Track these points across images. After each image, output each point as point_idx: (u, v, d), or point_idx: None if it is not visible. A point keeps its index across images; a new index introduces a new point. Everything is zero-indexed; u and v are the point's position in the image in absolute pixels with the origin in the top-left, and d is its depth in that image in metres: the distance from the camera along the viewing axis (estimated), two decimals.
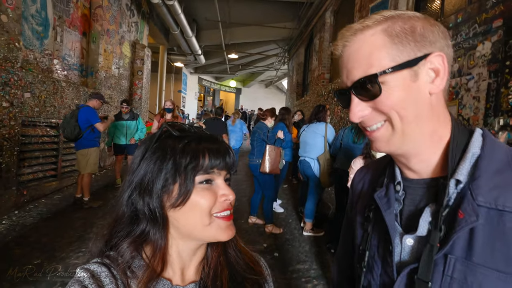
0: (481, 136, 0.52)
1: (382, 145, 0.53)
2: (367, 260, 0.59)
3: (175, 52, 12.90)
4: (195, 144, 0.56)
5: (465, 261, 0.45)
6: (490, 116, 2.56)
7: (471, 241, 0.45)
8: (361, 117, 0.52)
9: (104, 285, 0.49)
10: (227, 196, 0.56)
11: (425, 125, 0.51)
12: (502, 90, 2.44)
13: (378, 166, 0.68)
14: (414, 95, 0.49)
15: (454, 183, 0.49)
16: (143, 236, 0.55)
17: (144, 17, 8.90)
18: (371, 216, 0.60)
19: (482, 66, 2.66)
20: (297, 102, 10.57)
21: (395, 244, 0.53)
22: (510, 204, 0.44)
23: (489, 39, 2.59)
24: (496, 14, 2.54)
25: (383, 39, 0.49)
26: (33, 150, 4.33)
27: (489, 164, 0.48)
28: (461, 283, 0.45)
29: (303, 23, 9.06)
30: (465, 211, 0.46)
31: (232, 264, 0.62)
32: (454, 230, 0.46)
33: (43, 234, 3.26)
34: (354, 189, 0.72)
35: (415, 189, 0.55)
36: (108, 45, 6.58)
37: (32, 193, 4.27)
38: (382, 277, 0.56)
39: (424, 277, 0.47)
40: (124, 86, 7.67)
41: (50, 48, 4.86)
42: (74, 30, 5.58)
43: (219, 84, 21.80)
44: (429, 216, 0.50)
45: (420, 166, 0.54)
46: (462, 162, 0.50)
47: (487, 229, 0.45)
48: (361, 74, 0.50)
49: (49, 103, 4.64)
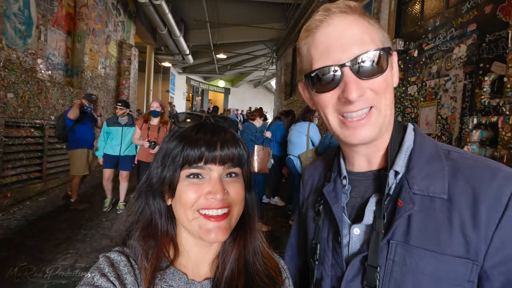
0: (413, 131, 0.57)
1: (370, 131, 0.51)
2: (318, 253, 0.61)
3: (163, 52, 12.77)
4: (188, 134, 0.53)
5: (404, 244, 0.49)
6: (466, 115, 2.70)
7: (409, 226, 0.50)
8: (359, 96, 0.49)
9: (123, 274, 0.50)
10: (213, 194, 0.50)
11: (392, 113, 0.55)
12: (477, 91, 2.59)
13: (325, 162, 0.70)
14: (391, 81, 0.53)
15: (393, 174, 0.53)
16: (153, 225, 0.56)
17: (131, 17, 8.79)
18: (321, 210, 0.63)
19: (459, 68, 2.80)
20: (285, 102, 10.67)
21: (344, 235, 0.57)
22: (438, 190, 0.49)
23: (465, 42, 2.74)
24: (471, 18, 2.68)
25: (368, 23, 0.51)
26: (17, 152, 4.23)
27: (420, 156, 0.53)
28: (401, 265, 0.49)
29: (291, 24, 9.16)
30: (403, 200, 0.50)
31: (251, 273, 0.57)
32: (395, 218, 0.50)
33: (29, 237, 3.20)
34: (305, 186, 0.73)
35: (360, 182, 0.58)
36: (94, 45, 6.48)
37: (16, 195, 4.18)
38: (333, 268, 0.58)
39: (373, 262, 0.51)
40: (110, 86, 7.56)
41: (34, 48, 4.75)
42: (59, 29, 5.47)
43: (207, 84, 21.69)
44: (373, 205, 0.54)
45: (375, 156, 0.57)
46: (399, 154, 0.54)
47: (421, 214, 0.49)
48: (364, 49, 0.48)
49: (33, 103, 4.54)
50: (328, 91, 0.51)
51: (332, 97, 0.52)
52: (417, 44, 3.43)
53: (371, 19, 0.52)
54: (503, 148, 1.96)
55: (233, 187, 0.54)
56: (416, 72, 3.45)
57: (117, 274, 0.49)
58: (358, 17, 0.51)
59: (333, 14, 0.50)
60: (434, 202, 0.49)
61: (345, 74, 0.49)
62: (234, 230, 0.58)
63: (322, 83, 0.51)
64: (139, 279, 0.51)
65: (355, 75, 0.49)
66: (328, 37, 0.50)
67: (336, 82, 0.50)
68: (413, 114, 3.50)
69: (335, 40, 0.49)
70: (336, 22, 0.50)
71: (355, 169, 0.59)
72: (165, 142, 0.56)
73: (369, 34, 0.50)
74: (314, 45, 0.52)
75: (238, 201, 0.54)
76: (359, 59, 0.48)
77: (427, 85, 3.25)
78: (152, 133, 3.79)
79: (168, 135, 0.57)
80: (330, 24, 0.50)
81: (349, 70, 0.49)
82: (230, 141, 0.54)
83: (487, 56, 2.50)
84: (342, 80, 0.49)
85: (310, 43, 0.53)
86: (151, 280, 0.51)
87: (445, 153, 0.53)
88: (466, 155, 0.52)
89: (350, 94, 0.48)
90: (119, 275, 0.50)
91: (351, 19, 0.50)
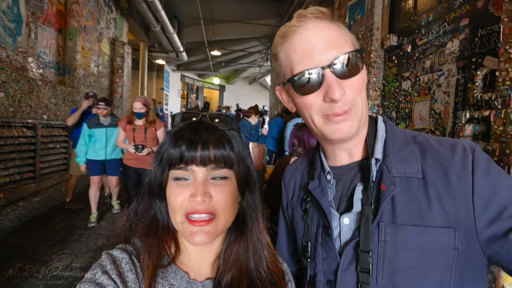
0: (383, 122, 0.62)
1: (353, 123, 0.54)
2: (310, 250, 0.63)
3: (157, 49, 12.65)
4: (176, 133, 0.53)
5: (392, 224, 0.53)
6: (459, 109, 2.72)
7: (394, 207, 0.54)
8: (342, 95, 0.51)
9: (124, 271, 0.50)
10: (194, 197, 0.49)
11: (367, 108, 0.59)
12: (469, 85, 2.61)
13: (306, 160, 0.73)
14: (365, 79, 0.58)
15: (374, 162, 0.57)
16: (155, 223, 0.56)
17: (123, 14, 8.68)
18: (308, 208, 0.65)
19: (451, 63, 2.82)
20: None
21: (334, 227, 0.59)
22: (414, 171, 0.54)
23: (457, 37, 2.75)
24: (463, 13, 2.69)
25: (339, 27, 0.55)
26: (9, 152, 4.17)
27: (394, 143, 0.58)
28: (392, 244, 0.53)
29: (285, 20, 9.13)
30: (386, 183, 0.54)
31: (253, 277, 0.56)
32: (381, 201, 0.54)
33: (23, 238, 3.17)
34: (287, 187, 0.75)
35: (343, 174, 0.62)
36: (85, 42, 6.39)
37: (9, 196, 4.13)
38: (325, 261, 0.60)
39: (365, 248, 0.54)
40: (104, 84, 7.48)
41: (24, 46, 4.67)
42: (49, 26, 5.38)
43: (202, 81, 21.57)
44: (360, 194, 0.57)
45: (355, 149, 0.61)
46: (376, 143, 0.59)
47: (403, 194, 0.54)
48: (342, 51, 0.52)
49: (25, 102, 4.47)
50: (311, 93, 0.54)
51: (316, 99, 0.54)
52: (411, 39, 3.44)
53: (340, 24, 0.56)
54: (495, 141, 1.99)
55: (218, 191, 0.51)
56: (410, 67, 3.47)
57: (118, 272, 0.50)
58: (329, 22, 0.54)
59: (309, 19, 0.53)
60: (412, 182, 0.54)
61: (326, 76, 0.52)
62: (234, 231, 0.57)
63: (305, 86, 0.54)
64: (140, 276, 0.51)
65: (336, 76, 0.52)
66: (307, 42, 0.53)
67: (319, 84, 0.53)
68: (407, 109, 3.52)
69: (314, 43, 0.52)
70: (312, 26, 0.53)
71: (337, 163, 0.63)
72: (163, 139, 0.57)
73: (343, 37, 0.54)
74: (294, 50, 0.54)
75: (224, 206, 0.52)
76: (338, 61, 0.51)
77: (421, 80, 3.27)
78: (138, 135, 3.37)
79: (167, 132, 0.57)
80: (308, 29, 0.53)
81: (330, 71, 0.52)
82: (214, 141, 0.52)
83: (479, 50, 2.52)
84: (324, 81, 0.52)
85: (288, 48, 0.55)
86: (152, 277, 0.51)
87: (413, 138, 0.59)
88: (428, 137, 0.58)
89: (334, 94, 0.51)
90: (120, 273, 0.50)
91: (325, 23, 0.54)
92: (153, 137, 3.44)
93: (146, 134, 3.38)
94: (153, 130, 3.43)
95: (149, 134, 3.40)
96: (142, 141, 3.36)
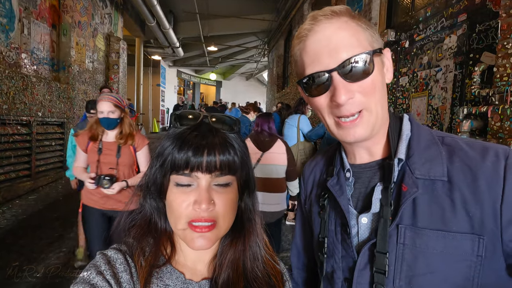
0: (409, 121, 0.61)
1: (364, 129, 0.54)
2: (327, 246, 0.63)
3: (152, 44, 12.51)
4: (180, 136, 0.51)
5: (412, 227, 0.52)
6: (456, 105, 2.73)
7: (415, 209, 0.52)
8: (348, 98, 0.52)
9: (118, 272, 0.50)
10: (198, 204, 0.48)
11: (385, 109, 0.57)
12: (467, 81, 2.61)
13: (325, 157, 0.73)
14: (383, 80, 0.56)
15: (397, 161, 0.56)
16: (151, 223, 0.56)
17: (118, 8, 8.55)
18: (325, 204, 0.64)
19: (449, 59, 2.82)
20: (277, 94, 10.64)
21: (352, 225, 0.58)
22: (439, 173, 0.52)
23: (455, 33, 2.75)
24: (461, 9, 2.69)
25: (357, 25, 0.54)
26: (4, 150, 4.12)
27: (419, 143, 0.56)
28: (412, 247, 0.52)
29: (282, 15, 9.07)
30: (407, 184, 0.53)
31: (250, 279, 0.56)
32: (401, 202, 0.52)
33: (20, 236, 3.15)
34: (306, 183, 0.75)
35: (363, 173, 0.61)
36: (80, 38, 6.30)
37: (5, 195, 4.09)
38: (344, 259, 0.60)
39: (382, 249, 0.53)
40: (99, 80, 7.39)
41: (17, 42, 4.59)
42: (43, 22, 5.29)
43: (199, 77, 21.42)
44: (379, 194, 0.56)
45: (376, 148, 0.59)
46: (400, 143, 0.57)
47: (425, 196, 0.52)
48: (350, 53, 0.51)
49: (19, 99, 4.41)
50: (319, 95, 0.55)
51: (324, 101, 0.55)
52: (408, 35, 3.43)
53: (360, 21, 0.54)
54: (492, 137, 2.00)
55: (222, 198, 0.51)
56: (407, 63, 3.46)
57: (113, 272, 0.49)
58: (347, 20, 0.53)
59: (320, 22, 0.53)
60: (436, 184, 0.52)
61: (334, 79, 0.52)
62: (232, 232, 0.56)
63: (313, 88, 0.55)
64: (135, 277, 0.51)
65: (344, 79, 0.51)
66: (317, 44, 0.53)
67: (326, 87, 0.53)
68: (405, 105, 3.52)
69: (323, 46, 0.52)
70: (322, 29, 0.53)
71: (357, 161, 0.62)
72: (163, 139, 0.54)
73: (357, 37, 0.52)
74: (305, 52, 0.55)
75: (225, 214, 0.51)
76: (347, 63, 0.51)
77: (418, 76, 3.27)
78: (107, 158, 2.02)
79: (167, 133, 0.55)
80: (318, 32, 0.53)
81: (338, 74, 0.51)
82: (219, 146, 0.50)
83: (477, 46, 2.52)
84: (331, 84, 0.52)
85: (302, 49, 0.56)
86: (147, 277, 0.50)
87: (440, 139, 0.56)
88: (458, 139, 0.56)
89: (339, 98, 0.51)
90: (115, 273, 0.49)
91: (337, 24, 0.53)
92: (131, 162, 2.08)
93: (119, 157, 2.03)
94: (130, 151, 2.07)
95: (125, 157, 2.05)
96: (111, 168, 2.02)
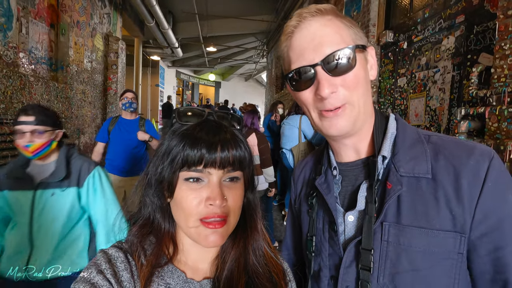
0: (395, 120, 0.62)
1: (346, 121, 0.55)
2: (315, 245, 0.63)
3: (151, 45, 12.50)
4: (189, 133, 0.51)
5: (396, 225, 0.52)
6: (454, 106, 2.74)
7: (399, 207, 0.53)
8: (331, 92, 0.53)
9: (119, 271, 0.50)
10: (212, 200, 0.48)
11: (369, 105, 0.58)
12: (464, 82, 2.62)
13: (315, 157, 0.73)
14: (366, 76, 0.57)
15: (381, 159, 0.56)
16: (152, 222, 0.55)
17: (117, 8, 8.54)
18: (314, 203, 0.65)
19: (447, 60, 2.83)
20: (276, 95, 10.64)
21: (339, 223, 0.59)
22: (423, 171, 0.53)
23: (453, 34, 2.75)
24: (459, 10, 2.70)
25: (340, 22, 0.55)
26: (1, 149, 4.10)
27: (404, 141, 0.57)
28: (395, 245, 0.52)
29: (281, 16, 9.07)
30: (392, 182, 0.53)
31: (252, 275, 0.56)
32: (385, 200, 0.53)
33: None
34: (296, 182, 0.76)
35: (350, 171, 0.61)
36: (78, 38, 6.28)
37: None
38: (331, 257, 0.60)
39: (367, 246, 0.53)
40: (98, 80, 7.38)
41: (15, 41, 4.57)
42: (41, 21, 5.27)
43: (198, 77, 21.41)
44: (364, 191, 0.57)
45: (361, 146, 0.60)
46: (384, 141, 0.58)
47: (409, 194, 0.52)
48: (334, 48, 0.52)
49: (17, 99, 4.39)
50: (304, 89, 0.56)
51: (309, 95, 0.57)
52: (407, 36, 3.44)
53: (345, 19, 0.57)
54: (489, 138, 2.00)
55: (232, 194, 0.51)
56: (406, 64, 3.47)
57: (113, 271, 0.49)
58: (332, 17, 0.55)
59: (305, 19, 0.55)
60: (420, 182, 0.53)
61: (318, 73, 0.53)
62: (234, 230, 0.56)
63: (299, 83, 0.56)
64: (135, 275, 0.50)
65: (327, 73, 0.53)
66: (302, 40, 0.55)
67: (311, 81, 0.55)
68: (403, 106, 3.53)
69: (308, 42, 0.54)
70: (307, 25, 0.54)
71: (344, 159, 0.63)
72: (166, 139, 0.53)
73: (340, 34, 0.54)
74: (292, 48, 0.57)
75: (236, 208, 0.52)
76: (330, 58, 0.52)
77: (416, 76, 3.27)
78: None
79: (171, 130, 0.54)
80: (303, 29, 0.55)
81: (321, 68, 0.53)
82: (231, 142, 0.51)
83: (474, 47, 2.53)
84: (316, 78, 0.54)
85: (289, 46, 0.58)
86: (148, 277, 0.50)
87: (426, 138, 0.58)
88: (444, 138, 0.57)
89: (322, 91, 0.52)
90: (115, 272, 0.49)
91: (322, 21, 0.54)
92: None
93: None
94: None
95: None
96: None
